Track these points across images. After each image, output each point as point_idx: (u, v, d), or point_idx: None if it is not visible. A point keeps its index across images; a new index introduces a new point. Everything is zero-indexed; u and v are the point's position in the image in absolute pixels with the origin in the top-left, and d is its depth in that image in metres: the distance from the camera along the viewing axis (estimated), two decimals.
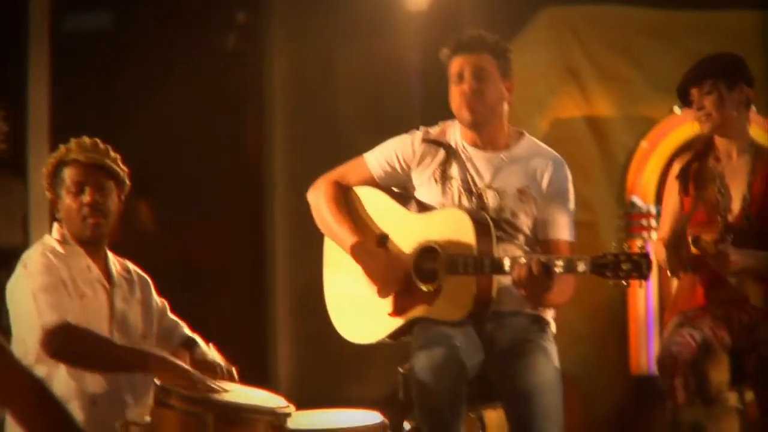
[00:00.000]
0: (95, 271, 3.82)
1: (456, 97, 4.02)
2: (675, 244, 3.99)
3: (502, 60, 4.03)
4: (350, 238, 4.04)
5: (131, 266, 3.99)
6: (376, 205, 4.13)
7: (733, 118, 4.18)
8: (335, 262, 4.17)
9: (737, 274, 4.09)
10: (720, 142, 4.25)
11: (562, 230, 4.01)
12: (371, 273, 4.00)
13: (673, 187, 4.30)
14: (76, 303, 3.70)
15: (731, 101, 4.17)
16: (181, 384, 3.49)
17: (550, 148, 4.12)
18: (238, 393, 3.62)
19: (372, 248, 4.04)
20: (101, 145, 3.85)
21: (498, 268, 3.78)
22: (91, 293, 3.77)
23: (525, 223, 3.99)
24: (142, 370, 3.64)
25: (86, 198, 3.77)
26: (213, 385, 3.54)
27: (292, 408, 3.53)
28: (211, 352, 3.92)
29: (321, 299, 4.21)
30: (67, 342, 3.60)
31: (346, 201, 4.14)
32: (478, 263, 3.80)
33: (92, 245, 3.83)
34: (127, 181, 3.91)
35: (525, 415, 3.70)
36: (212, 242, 6.19)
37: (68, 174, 3.79)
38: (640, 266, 3.54)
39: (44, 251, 3.74)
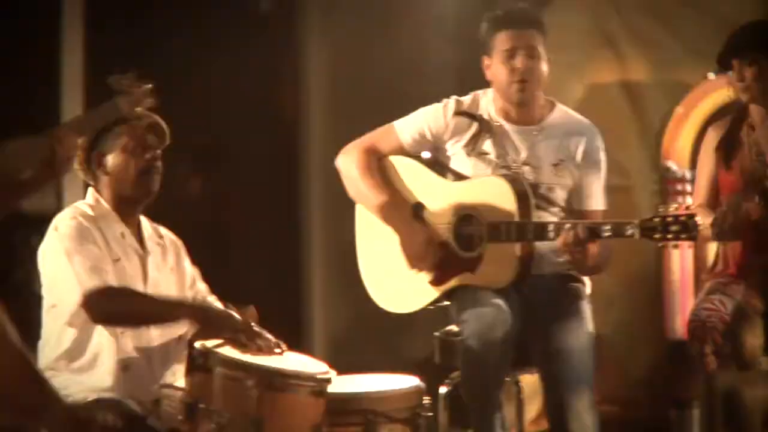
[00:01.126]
0: (129, 238, 3.81)
1: (505, 74, 3.98)
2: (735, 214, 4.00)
3: (545, 37, 4.01)
4: (385, 203, 4.04)
5: (164, 231, 3.98)
6: (411, 173, 4.12)
7: None
8: (368, 232, 4.17)
9: None
10: (754, 109, 4.28)
11: (597, 200, 4.04)
12: (406, 246, 3.99)
13: (707, 155, 4.32)
14: (110, 265, 3.70)
15: None
16: (226, 338, 3.54)
17: (582, 117, 4.12)
18: (279, 358, 3.63)
19: (408, 217, 4.03)
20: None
21: (541, 233, 3.79)
22: (124, 258, 3.76)
23: (560, 196, 4.01)
24: (187, 319, 3.68)
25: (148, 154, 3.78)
26: (261, 342, 3.61)
27: (333, 373, 3.55)
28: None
29: (356, 264, 4.23)
30: (110, 305, 3.61)
31: (378, 168, 4.14)
32: (521, 229, 3.81)
33: (130, 209, 3.82)
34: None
35: (558, 374, 3.76)
36: (246, 208, 6.20)
37: (124, 130, 3.78)
38: (688, 227, 3.56)
39: (75, 215, 3.73)
